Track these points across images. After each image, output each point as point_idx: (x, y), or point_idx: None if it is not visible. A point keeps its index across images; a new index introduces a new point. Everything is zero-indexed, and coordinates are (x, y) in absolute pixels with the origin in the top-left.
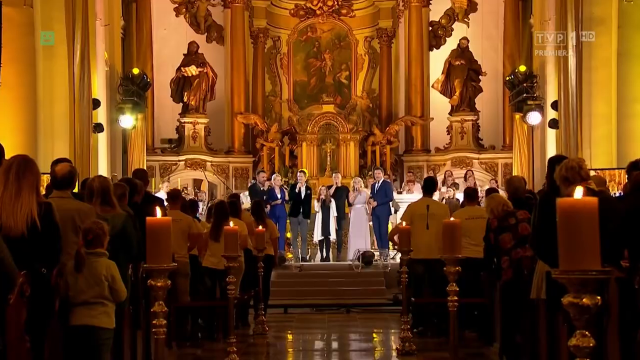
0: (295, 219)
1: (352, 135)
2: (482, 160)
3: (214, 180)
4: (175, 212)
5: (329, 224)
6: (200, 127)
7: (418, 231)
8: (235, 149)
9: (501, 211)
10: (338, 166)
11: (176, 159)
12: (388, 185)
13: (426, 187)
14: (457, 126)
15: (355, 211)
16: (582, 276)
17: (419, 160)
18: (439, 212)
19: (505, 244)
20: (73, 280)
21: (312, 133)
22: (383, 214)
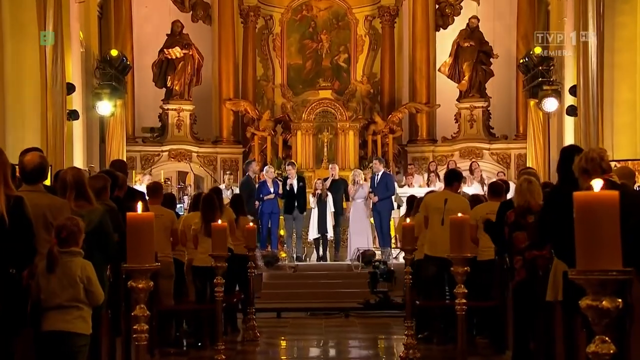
0: (290, 215)
1: (351, 124)
2: (493, 151)
3: (201, 173)
4: (156, 207)
5: (326, 220)
6: (185, 115)
7: (433, 226)
8: (223, 139)
9: (524, 206)
10: (336, 157)
11: (159, 150)
12: (389, 178)
13: (448, 180)
14: (466, 114)
15: (354, 206)
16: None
17: (424, 151)
18: (457, 207)
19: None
20: (45, 282)
21: (307, 121)
22: (385, 209)
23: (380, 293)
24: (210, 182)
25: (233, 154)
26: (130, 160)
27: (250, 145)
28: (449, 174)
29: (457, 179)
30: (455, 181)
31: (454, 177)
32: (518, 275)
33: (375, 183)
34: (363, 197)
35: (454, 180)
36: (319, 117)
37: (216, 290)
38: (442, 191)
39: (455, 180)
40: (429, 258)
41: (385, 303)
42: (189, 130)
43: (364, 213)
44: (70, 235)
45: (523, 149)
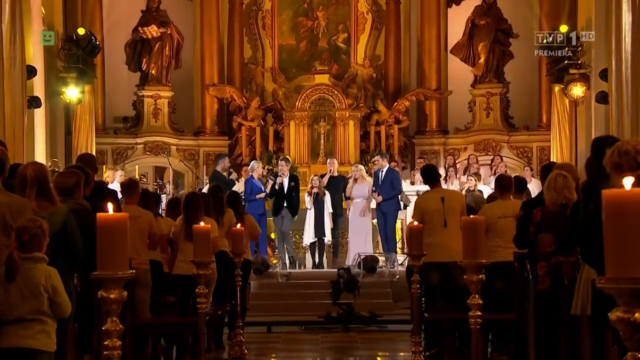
0: (278, 217)
1: (352, 113)
2: (512, 144)
3: (181, 169)
4: (131, 207)
5: (323, 222)
6: (163, 102)
7: (434, 230)
8: (206, 130)
9: (556, 205)
10: (334, 151)
11: (133, 142)
12: (395, 175)
13: (426, 178)
14: (481, 101)
15: (354, 206)
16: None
17: (434, 144)
18: (457, 204)
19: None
20: (3, 292)
21: (301, 110)
22: (390, 209)
23: (343, 305)
24: (192, 178)
25: (218, 146)
26: (100, 154)
27: (236, 136)
28: (428, 172)
29: (436, 174)
30: (437, 176)
31: (433, 174)
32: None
33: (380, 181)
34: (363, 195)
35: (434, 177)
36: (314, 105)
37: (198, 302)
38: (434, 190)
39: (437, 175)
40: (429, 265)
41: (349, 316)
42: (167, 120)
43: (366, 214)
44: (33, 238)
45: (546, 141)
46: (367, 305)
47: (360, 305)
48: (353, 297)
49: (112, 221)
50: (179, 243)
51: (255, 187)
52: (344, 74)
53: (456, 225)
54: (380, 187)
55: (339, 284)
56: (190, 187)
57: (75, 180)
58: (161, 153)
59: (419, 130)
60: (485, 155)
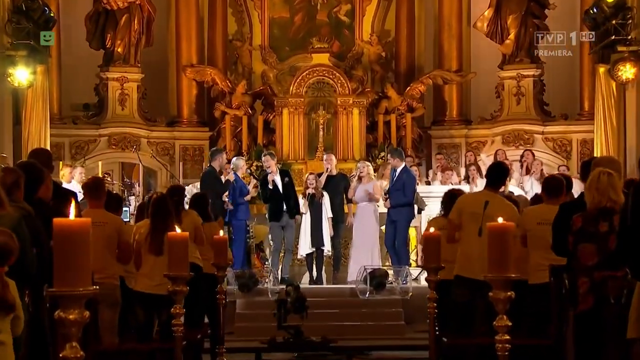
0: (277, 223)
1: (356, 99)
2: (548, 136)
3: (152, 165)
4: (97, 211)
5: (322, 230)
6: (132, 87)
7: (467, 237)
8: (183, 119)
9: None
10: (334, 145)
11: (95, 134)
12: (408, 178)
13: (491, 178)
14: (511, 85)
15: (359, 211)
16: None
17: (454, 136)
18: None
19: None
20: None
21: (296, 96)
22: (400, 217)
23: (290, 329)
24: (166, 177)
25: (197, 139)
26: (55, 148)
27: (219, 127)
28: (494, 170)
29: (503, 175)
30: (502, 179)
31: (500, 174)
32: (583, 302)
33: (393, 181)
34: (369, 198)
35: (500, 177)
36: (312, 91)
37: (174, 324)
38: (481, 192)
39: (502, 178)
40: (461, 280)
41: (298, 342)
42: (136, 107)
43: (372, 219)
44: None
45: (589, 132)
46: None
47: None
48: (301, 318)
49: (72, 228)
50: (142, 255)
51: (242, 188)
52: (347, 53)
53: None
54: (392, 191)
55: (284, 304)
56: (165, 187)
57: (14, 178)
58: (129, 147)
59: (437, 120)
60: (515, 150)
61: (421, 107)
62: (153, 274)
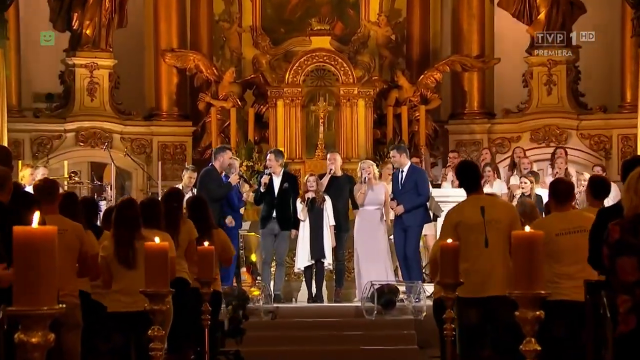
0: (267, 230)
1: (362, 89)
2: (584, 131)
3: (127, 165)
4: (54, 217)
5: (322, 239)
6: (102, 75)
7: (470, 251)
8: (162, 112)
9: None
10: (337, 142)
11: (60, 129)
12: (420, 176)
13: (463, 180)
14: (540, 73)
15: (364, 217)
16: None
17: (474, 131)
18: (502, 216)
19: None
20: None
21: (293, 85)
22: (414, 222)
23: (230, 355)
24: (142, 178)
25: (178, 135)
26: (14, 146)
27: (204, 121)
28: (465, 170)
29: (477, 177)
30: (477, 180)
31: (472, 175)
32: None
33: (400, 184)
34: (377, 203)
35: (475, 178)
36: (311, 79)
37: (152, 348)
38: (471, 197)
39: (477, 180)
40: (466, 301)
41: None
42: (107, 98)
43: (380, 228)
44: None
45: (631, 127)
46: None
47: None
48: (236, 343)
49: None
50: (112, 268)
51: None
52: (351, 36)
53: (501, 245)
54: (401, 194)
55: (222, 326)
56: (141, 190)
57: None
58: (100, 144)
59: (455, 112)
60: (545, 148)
61: (437, 98)
62: (128, 290)
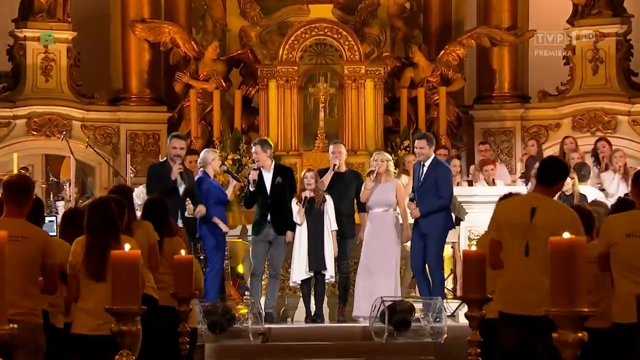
0: (259, 237)
1: (371, 68)
2: (637, 117)
3: (89, 159)
4: (15, 221)
5: (323, 247)
6: (59, 50)
7: (510, 259)
8: (131, 95)
9: None
10: (341, 131)
11: (9, 115)
12: (442, 172)
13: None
14: (585, 48)
15: (374, 221)
16: None
17: (505, 118)
18: (552, 222)
19: None
20: None
21: (287, 63)
22: (433, 229)
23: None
24: (108, 174)
25: (150, 122)
26: None
27: (181, 106)
28: (546, 165)
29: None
30: (557, 177)
31: (554, 171)
32: None
33: (420, 180)
34: (385, 204)
35: (555, 175)
36: (309, 56)
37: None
38: (528, 194)
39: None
40: (505, 318)
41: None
42: (65, 78)
43: (392, 234)
44: None
45: None
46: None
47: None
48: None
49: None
50: (79, 282)
51: (215, 190)
52: (357, 4)
53: (547, 256)
54: (419, 193)
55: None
56: (106, 188)
57: None
58: (56, 133)
59: (482, 96)
60: (590, 137)
61: (460, 79)
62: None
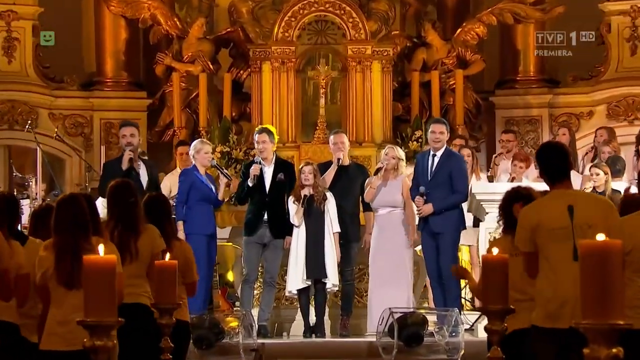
0: (252, 237)
1: (378, 48)
2: None
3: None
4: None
5: (323, 252)
6: (24, 28)
7: (551, 266)
8: (106, 79)
9: None
10: (344, 120)
11: None
12: (457, 163)
13: (548, 165)
14: (621, 25)
15: (381, 222)
16: None
17: (531, 105)
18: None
19: None
20: None
21: (284, 43)
22: (447, 228)
23: None
24: (80, 168)
25: (127, 110)
26: None
27: (163, 91)
28: (550, 152)
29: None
30: (567, 170)
31: (561, 158)
32: None
33: (430, 174)
34: (390, 205)
35: (564, 164)
36: (309, 34)
37: None
38: (554, 192)
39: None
40: (543, 332)
41: None
42: (31, 60)
43: (402, 236)
44: None
45: None
46: None
47: None
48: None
49: None
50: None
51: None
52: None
53: None
54: (431, 186)
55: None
56: (77, 184)
57: None
58: (20, 123)
59: (504, 80)
60: (627, 126)
61: (479, 61)
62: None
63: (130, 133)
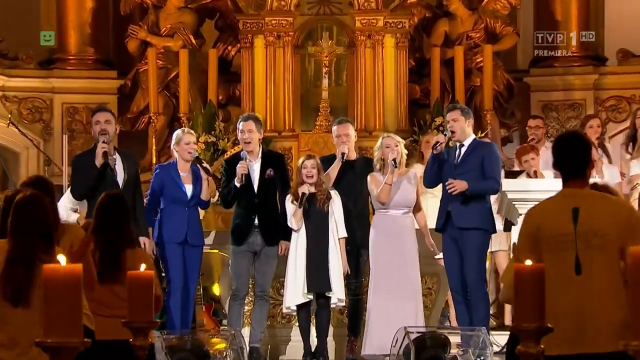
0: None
1: (391, 20)
2: None
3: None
4: None
5: (327, 262)
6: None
7: (555, 280)
8: (69, 56)
9: None
10: (351, 105)
11: None
12: (489, 151)
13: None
14: None
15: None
16: None
17: (572, 87)
18: (608, 225)
19: None
20: None
21: (280, 13)
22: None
23: None
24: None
25: (94, 93)
26: None
27: (137, 71)
28: (563, 143)
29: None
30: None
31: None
32: None
33: (457, 160)
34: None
35: (577, 159)
36: (309, 4)
37: None
38: (561, 192)
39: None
40: None
41: None
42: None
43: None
44: None
45: None
46: None
47: None
48: None
49: None
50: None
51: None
52: None
53: (607, 272)
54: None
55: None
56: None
57: None
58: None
59: (541, 57)
60: None
61: (511, 34)
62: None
63: (106, 119)
